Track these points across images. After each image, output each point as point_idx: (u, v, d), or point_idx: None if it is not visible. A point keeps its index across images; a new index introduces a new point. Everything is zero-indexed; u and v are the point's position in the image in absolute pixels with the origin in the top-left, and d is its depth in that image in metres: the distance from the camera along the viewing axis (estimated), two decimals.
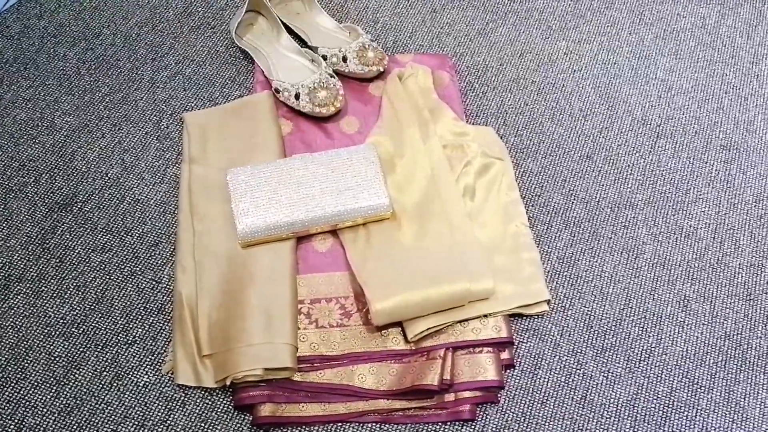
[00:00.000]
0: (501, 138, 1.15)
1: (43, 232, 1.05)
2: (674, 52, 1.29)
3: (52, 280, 1.00)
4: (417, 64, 1.20)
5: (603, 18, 1.34)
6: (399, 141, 1.10)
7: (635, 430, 0.90)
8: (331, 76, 1.16)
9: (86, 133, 1.16)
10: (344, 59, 1.19)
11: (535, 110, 1.21)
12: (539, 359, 0.95)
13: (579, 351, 0.96)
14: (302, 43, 1.26)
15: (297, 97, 1.14)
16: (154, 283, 1.01)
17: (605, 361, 0.95)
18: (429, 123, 1.12)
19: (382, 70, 1.19)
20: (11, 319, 0.97)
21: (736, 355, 0.96)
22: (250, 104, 1.15)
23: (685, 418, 0.91)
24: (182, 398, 0.91)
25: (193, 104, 1.20)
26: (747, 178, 1.13)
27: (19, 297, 0.99)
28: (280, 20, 1.25)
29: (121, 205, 1.08)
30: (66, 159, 1.13)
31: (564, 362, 0.95)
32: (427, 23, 1.32)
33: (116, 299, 0.99)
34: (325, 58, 1.20)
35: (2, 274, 1.01)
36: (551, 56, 1.28)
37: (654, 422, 0.91)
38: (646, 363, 0.95)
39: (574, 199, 1.10)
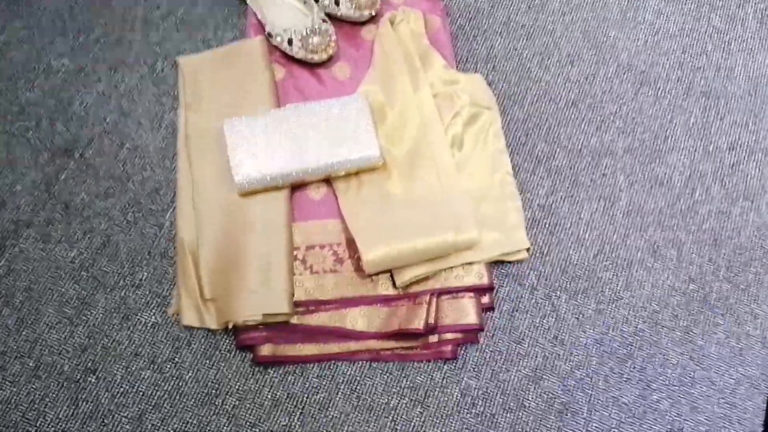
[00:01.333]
0: (489, 84, 1.18)
1: (47, 178, 1.09)
2: None
3: (59, 225, 1.06)
4: (409, 7, 1.21)
5: None
6: (390, 90, 1.13)
7: (601, 366, 1.00)
8: (324, 21, 1.17)
9: (83, 76, 1.18)
10: (336, 2, 1.19)
11: (523, 55, 1.23)
12: (517, 302, 1.03)
13: (553, 294, 1.04)
14: None
15: (290, 42, 1.16)
16: (156, 228, 1.06)
17: (577, 303, 1.03)
18: (420, 71, 1.14)
19: (374, 13, 1.20)
20: (23, 263, 1.04)
21: (698, 298, 1.04)
22: (244, 50, 1.17)
23: (647, 354, 1.00)
24: (188, 338, 0.99)
25: (186, 46, 1.21)
26: (723, 125, 1.17)
27: (29, 241, 1.05)
28: None
29: (121, 151, 1.12)
30: (64, 103, 1.15)
31: (539, 305, 1.03)
32: None
33: (121, 244, 1.05)
34: (317, 1, 1.21)
35: (11, 218, 1.06)
36: None
37: (618, 359, 1.00)
38: (614, 305, 1.03)
39: (558, 147, 1.15)
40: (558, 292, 1.04)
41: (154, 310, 1.01)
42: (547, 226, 1.09)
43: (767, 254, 1.07)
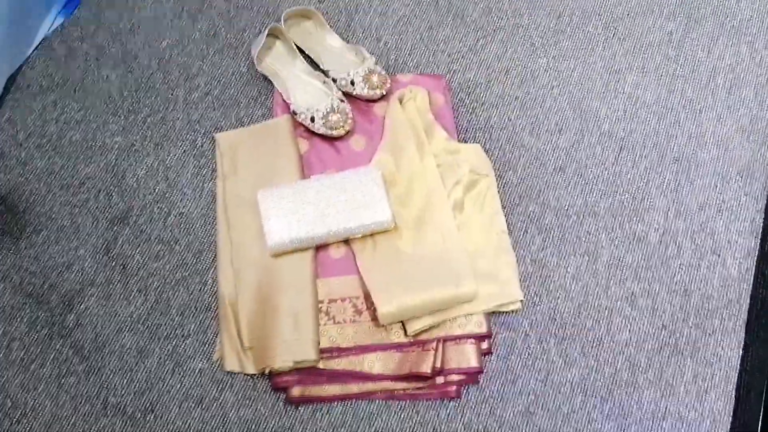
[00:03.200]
0: (487, 152, 1.35)
1: (106, 243, 1.27)
2: (641, 67, 1.46)
3: (118, 284, 1.24)
4: (415, 86, 1.39)
5: (580, 33, 1.50)
6: (400, 160, 1.31)
7: (585, 402, 1.15)
8: (341, 101, 1.35)
9: (133, 152, 1.36)
10: (352, 83, 1.37)
11: (516, 125, 1.40)
12: (512, 347, 1.19)
13: (544, 340, 1.20)
14: (315, 65, 1.44)
15: (312, 120, 1.34)
16: (201, 285, 1.24)
17: (564, 347, 1.19)
18: (425, 143, 1.32)
19: (385, 92, 1.38)
20: (88, 318, 1.21)
21: (670, 342, 1.20)
22: (273, 127, 1.35)
23: (625, 393, 1.16)
24: (230, 381, 1.16)
25: (222, 123, 1.39)
26: (693, 188, 1.33)
27: (92, 299, 1.23)
28: (294, 44, 1.43)
29: (169, 218, 1.30)
30: (119, 177, 1.34)
31: (531, 349, 1.19)
32: (425, 40, 1.49)
33: (172, 300, 1.23)
34: (335, 81, 1.39)
35: (78, 279, 1.24)
36: (533, 72, 1.46)
37: (600, 396, 1.16)
38: (597, 349, 1.19)
39: (547, 208, 1.31)
40: (547, 338, 1.20)
41: (200, 357, 1.18)
42: (538, 278, 1.25)
43: (731, 303, 1.22)
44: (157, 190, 1.32)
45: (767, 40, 1.48)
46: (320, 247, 1.25)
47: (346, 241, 1.25)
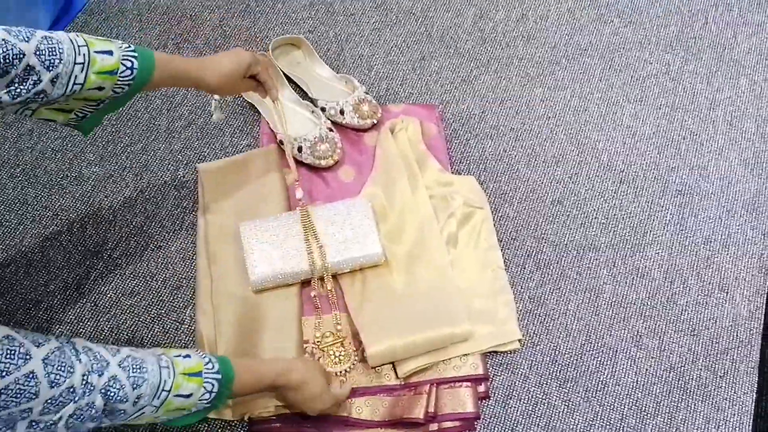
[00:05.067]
0: (481, 184, 1.30)
1: (78, 278, 1.20)
2: (639, 99, 1.42)
3: (88, 323, 1.16)
4: (407, 116, 1.34)
5: (576, 65, 1.47)
6: (391, 192, 1.25)
7: None
8: (330, 130, 1.30)
9: (111, 182, 1.30)
10: (341, 112, 1.32)
11: (512, 156, 1.35)
12: (511, 390, 1.11)
13: (545, 383, 1.12)
14: (303, 94, 1.39)
15: (299, 149, 1.28)
16: (177, 324, 1.16)
17: (567, 391, 1.11)
18: (417, 175, 1.26)
19: (375, 122, 1.33)
20: None
21: (679, 386, 1.12)
22: (258, 156, 1.29)
23: None
24: (205, 428, 1.07)
25: (206, 153, 1.33)
26: (698, 221, 1.28)
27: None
28: (283, 73, 1.38)
29: (146, 252, 1.22)
30: (94, 208, 1.27)
31: (531, 393, 1.11)
32: (417, 71, 1.45)
33: (146, 339, 1.14)
34: (323, 110, 1.34)
35: (45, 317, 1.16)
36: (529, 103, 1.42)
37: None
38: (601, 393, 1.11)
39: (545, 243, 1.25)
40: (549, 380, 1.12)
41: None
42: (537, 316, 1.18)
43: (743, 343, 1.15)
44: (134, 223, 1.25)
45: (766, 73, 1.45)
46: (306, 283, 1.17)
47: (334, 277, 1.18)
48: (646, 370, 1.13)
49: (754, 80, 1.45)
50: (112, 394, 0.76)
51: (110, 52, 0.87)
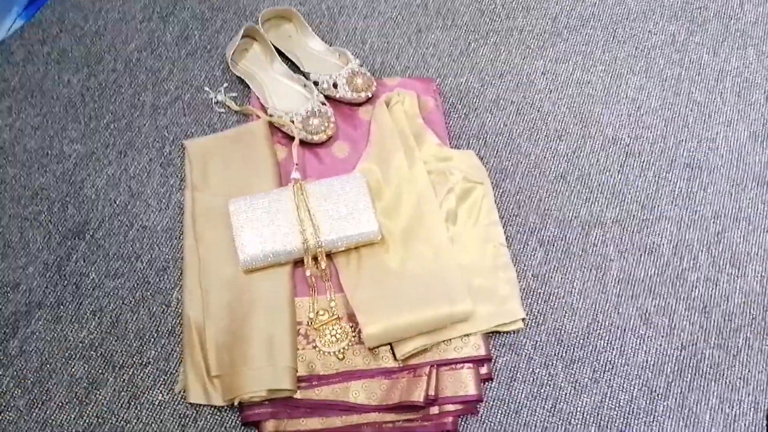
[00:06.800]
0: (481, 159, 1.24)
1: (59, 259, 1.14)
2: (644, 71, 1.37)
3: (69, 306, 1.10)
4: (404, 89, 1.28)
5: (578, 36, 1.41)
6: (387, 168, 1.19)
7: None
8: (323, 104, 1.24)
9: (94, 160, 1.24)
10: (335, 85, 1.26)
11: (513, 131, 1.29)
12: (514, 372, 1.06)
13: (550, 363, 1.07)
14: (295, 68, 1.33)
15: (291, 124, 1.22)
16: (164, 306, 1.10)
17: (573, 372, 1.06)
18: (414, 150, 1.20)
19: (370, 95, 1.27)
20: (34, 344, 1.07)
21: (691, 365, 1.07)
22: (248, 132, 1.23)
23: (643, 423, 1.03)
24: (194, 415, 1.02)
25: (193, 130, 1.27)
26: (707, 195, 1.22)
27: (40, 322, 1.08)
28: (273, 46, 1.32)
29: (130, 232, 1.17)
30: (76, 187, 1.21)
31: (536, 374, 1.06)
32: (413, 44, 1.39)
33: (130, 323, 1.09)
34: (316, 84, 1.28)
35: (24, 300, 1.10)
36: (529, 76, 1.36)
37: (616, 427, 1.02)
38: (609, 373, 1.06)
39: (549, 219, 1.20)
40: (554, 361, 1.07)
41: (161, 388, 1.04)
42: (541, 295, 1.13)
43: (755, 320, 1.10)
44: (118, 202, 1.19)
45: None
46: (299, 262, 1.12)
47: (329, 256, 1.12)
48: (656, 349, 1.08)
49: (762, 51, 1.39)
50: None
51: None
